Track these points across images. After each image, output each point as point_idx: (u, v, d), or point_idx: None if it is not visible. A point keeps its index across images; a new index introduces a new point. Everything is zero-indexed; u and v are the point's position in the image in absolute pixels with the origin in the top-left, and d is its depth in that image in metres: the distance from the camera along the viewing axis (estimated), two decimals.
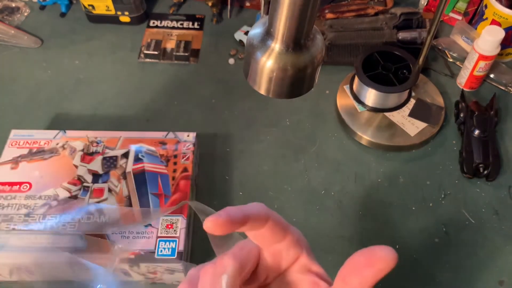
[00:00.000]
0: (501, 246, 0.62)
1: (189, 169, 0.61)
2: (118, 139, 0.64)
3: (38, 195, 0.58)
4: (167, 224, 0.56)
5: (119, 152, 0.63)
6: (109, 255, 0.54)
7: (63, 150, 0.62)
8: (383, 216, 0.65)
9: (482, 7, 0.80)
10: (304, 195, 0.67)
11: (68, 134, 0.64)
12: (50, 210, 0.57)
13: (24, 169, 0.60)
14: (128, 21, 0.87)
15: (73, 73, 0.81)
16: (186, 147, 0.63)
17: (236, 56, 0.83)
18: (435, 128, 0.72)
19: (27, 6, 0.90)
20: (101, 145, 0.63)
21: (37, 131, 0.64)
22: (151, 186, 0.60)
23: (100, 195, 0.59)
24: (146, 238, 0.55)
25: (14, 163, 0.61)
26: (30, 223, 0.55)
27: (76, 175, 0.60)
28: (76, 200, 0.58)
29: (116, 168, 0.61)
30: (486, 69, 0.74)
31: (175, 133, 0.64)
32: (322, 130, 0.74)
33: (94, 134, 0.64)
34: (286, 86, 0.46)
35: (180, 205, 0.58)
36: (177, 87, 0.79)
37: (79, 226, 0.55)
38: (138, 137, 0.64)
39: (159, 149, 0.63)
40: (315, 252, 0.32)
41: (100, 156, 0.62)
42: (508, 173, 0.69)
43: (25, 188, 0.58)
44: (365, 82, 0.68)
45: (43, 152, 0.62)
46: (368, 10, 0.79)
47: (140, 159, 0.62)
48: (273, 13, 0.41)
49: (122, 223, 0.56)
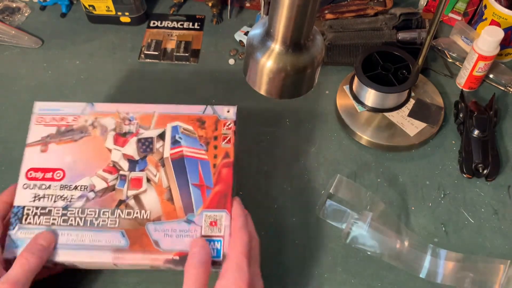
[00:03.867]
0: (501, 246, 0.63)
1: (231, 154, 0.55)
2: (152, 115, 0.57)
3: (73, 185, 0.54)
4: (210, 221, 0.52)
5: (155, 132, 0.57)
6: (153, 255, 0.50)
7: (93, 129, 0.57)
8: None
9: (482, 7, 0.80)
10: (304, 195, 0.67)
11: (96, 107, 0.58)
12: (88, 203, 0.53)
13: (55, 152, 0.55)
14: (129, 22, 0.87)
15: (73, 73, 0.81)
16: (227, 126, 0.57)
17: (236, 56, 0.83)
18: (434, 128, 0.72)
19: (28, 7, 0.90)
20: (134, 123, 0.57)
21: (63, 103, 0.59)
22: (191, 175, 0.54)
23: (138, 186, 0.54)
24: (190, 237, 0.51)
25: (43, 145, 0.56)
26: (69, 218, 0.52)
27: (111, 161, 0.55)
28: (114, 192, 0.54)
29: (153, 152, 0.55)
30: (485, 69, 0.74)
31: (213, 107, 0.58)
32: (322, 130, 0.74)
33: (125, 108, 0.58)
34: (286, 86, 0.46)
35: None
36: (177, 87, 0.79)
37: (119, 222, 0.52)
38: (173, 112, 0.58)
39: (198, 129, 0.57)
40: (315, 252, 0.32)
41: (135, 138, 0.56)
42: (508, 173, 0.69)
43: (59, 176, 0.54)
44: (365, 82, 0.68)
45: (72, 132, 0.56)
46: (368, 10, 0.79)
47: (177, 141, 0.56)
48: (273, 13, 0.41)
49: (165, 219, 0.52)
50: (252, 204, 0.57)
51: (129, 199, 0.53)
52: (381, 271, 0.60)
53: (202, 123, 0.57)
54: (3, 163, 0.70)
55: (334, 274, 0.60)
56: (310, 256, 0.62)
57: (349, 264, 0.61)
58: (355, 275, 0.60)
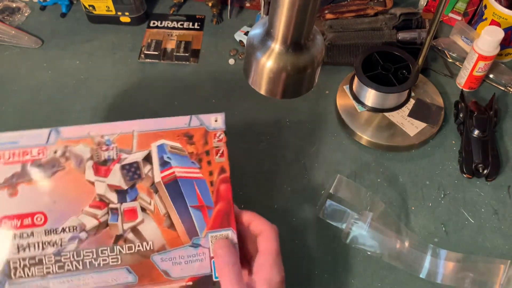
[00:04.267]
0: (501, 246, 0.63)
1: (227, 168, 0.51)
2: (131, 136, 0.50)
3: (60, 228, 0.48)
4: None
5: (139, 155, 0.50)
6: (166, 286, 0.48)
7: (66, 161, 0.49)
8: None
9: (482, 7, 0.80)
10: (304, 195, 0.67)
11: (63, 133, 0.49)
12: (82, 244, 0.48)
13: (27, 194, 0.48)
14: (129, 22, 0.87)
15: (73, 73, 0.81)
16: (217, 138, 0.52)
17: (236, 56, 0.83)
18: (434, 128, 0.72)
19: (28, 7, 0.90)
20: (112, 147, 0.50)
21: (20, 133, 0.49)
22: (189, 197, 0.50)
23: (133, 217, 0.49)
24: (199, 261, 0.49)
25: (10, 188, 0.48)
26: (64, 263, 0.47)
27: (96, 194, 0.49)
28: (109, 228, 0.49)
29: (141, 179, 0.50)
30: (485, 69, 0.74)
31: (198, 117, 0.52)
32: (322, 130, 0.74)
33: (98, 131, 0.50)
34: (286, 86, 0.46)
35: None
36: (177, 87, 0.79)
37: (122, 258, 0.48)
38: (155, 129, 0.51)
39: (187, 146, 0.51)
40: (315, 252, 0.32)
41: (117, 165, 0.50)
42: (508, 173, 0.69)
43: (40, 221, 0.48)
44: (365, 82, 0.68)
45: (41, 167, 0.48)
46: (368, 10, 0.79)
47: (167, 162, 0.50)
48: (273, 13, 0.41)
49: (169, 247, 0.49)
50: (252, 204, 0.57)
51: (126, 233, 0.49)
52: (381, 271, 0.60)
53: (190, 138, 0.51)
54: None
55: (334, 274, 0.60)
56: (310, 256, 0.62)
57: (349, 264, 0.61)
58: (355, 275, 0.60)
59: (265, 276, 0.46)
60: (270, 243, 0.48)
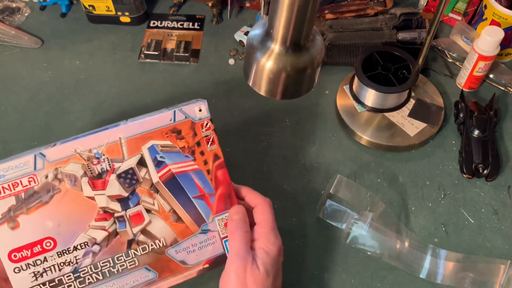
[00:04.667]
0: (501, 246, 0.63)
1: (219, 154, 0.53)
2: (119, 144, 0.50)
3: (71, 247, 0.48)
4: (224, 222, 0.52)
5: (132, 161, 0.50)
6: (185, 273, 0.51)
7: (60, 183, 0.48)
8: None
9: (482, 7, 0.80)
10: (304, 195, 0.67)
11: (48, 156, 0.47)
12: (97, 256, 0.49)
13: (29, 223, 0.47)
14: (129, 22, 0.87)
15: (73, 73, 0.81)
16: (205, 128, 0.52)
17: (236, 56, 0.83)
18: (434, 128, 0.72)
19: (28, 7, 0.90)
20: (103, 159, 0.49)
21: (4, 165, 0.47)
22: (190, 189, 0.52)
23: (140, 220, 0.50)
24: (211, 244, 0.52)
25: (10, 221, 0.47)
26: (85, 278, 0.49)
27: (99, 208, 0.49)
28: (119, 236, 0.50)
29: (140, 183, 0.50)
30: (485, 69, 0.74)
31: (182, 111, 0.51)
32: (322, 130, 0.74)
33: (84, 145, 0.49)
34: (286, 87, 0.46)
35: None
36: (177, 87, 0.79)
37: (139, 260, 0.50)
38: (141, 132, 0.50)
39: (177, 141, 0.51)
40: (315, 252, 0.32)
41: (113, 175, 0.49)
42: (508, 173, 0.69)
43: (50, 246, 0.48)
44: (365, 83, 0.68)
45: (36, 195, 0.47)
46: (368, 10, 0.79)
47: (161, 162, 0.51)
48: (273, 14, 0.41)
49: (181, 239, 0.51)
50: None
51: (137, 236, 0.50)
52: (381, 271, 0.60)
53: (178, 133, 0.51)
54: None
55: (334, 274, 0.60)
56: (310, 256, 0.62)
57: (349, 264, 0.61)
58: (355, 275, 0.60)
59: (263, 245, 0.49)
60: (266, 215, 0.51)
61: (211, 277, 0.60)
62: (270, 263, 0.48)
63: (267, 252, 0.48)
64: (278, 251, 0.49)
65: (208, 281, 0.60)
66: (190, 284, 0.59)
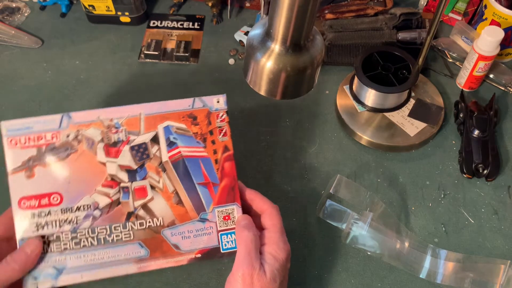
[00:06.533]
0: (501, 246, 0.63)
1: (230, 146, 0.54)
2: (139, 118, 0.53)
3: (75, 207, 0.51)
4: (223, 216, 0.53)
5: (147, 137, 0.53)
6: (176, 258, 0.51)
7: (78, 144, 0.52)
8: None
9: (482, 7, 0.80)
10: (304, 195, 0.67)
11: (74, 118, 0.52)
12: (96, 221, 0.51)
13: (43, 176, 0.51)
14: (129, 22, 0.87)
15: (73, 73, 0.81)
16: (220, 118, 0.55)
17: (236, 56, 0.83)
18: (434, 128, 0.72)
19: (28, 7, 0.90)
20: (121, 129, 0.53)
21: (34, 119, 0.52)
22: (195, 175, 0.53)
23: (143, 195, 0.52)
24: (207, 234, 0.52)
25: (27, 170, 0.51)
26: (80, 240, 0.50)
27: (108, 174, 0.52)
28: (121, 206, 0.52)
29: (150, 159, 0.52)
30: (485, 69, 0.74)
31: (202, 100, 0.54)
32: (322, 130, 0.74)
33: (107, 114, 0.53)
34: (286, 87, 0.46)
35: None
36: (177, 87, 0.79)
37: (134, 234, 0.51)
38: (161, 111, 0.54)
39: (191, 126, 0.54)
40: (315, 252, 0.32)
41: (127, 146, 0.52)
42: (508, 173, 0.69)
43: (56, 201, 0.51)
44: (365, 83, 0.68)
45: (56, 150, 0.51)
46: (368, 10, 0.79)
47: (173, 142, 0.53)
48: (273, 14, 0.41)
49: (178, 223, 0.52)
50: None
51: (137, 210, 0.52)
52: (381, 271, 0.60)
53: (194, 119, 0.54)
54: (3, 163, 0.70)
55: (334, 274, 0.60)
56: (310, 256, 0.62)
57: (349, 264, 0.61)
58: (355, 275, 0.60)
59: (272, 250, 0.49)
60: (275, 220, 0.51)
61: (211, 277, 0.60)
62: (277, 268, 0.47)
63: (275, 257, 0.48)
64: (286, 257, 0.49)
65: (209, 281, 0.60)
66: (191, 284, 0.60)
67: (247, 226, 0.50)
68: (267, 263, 0.47)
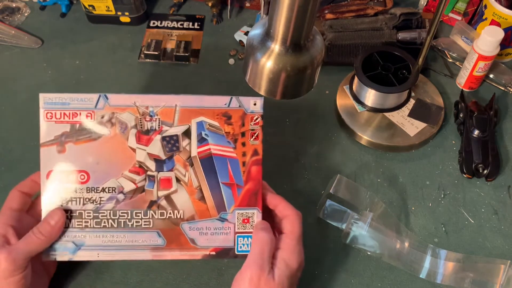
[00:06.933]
0: (501, 246, 0.63)
1: (259, 151, 0.54)
2: (174, 110, 0.53)
3: (100, 187, 0.52)
4: (243, 218, 0.53)
5: (180, 129, 0.53)
6: (191, 252, 0.53)
7: (112, 126, 0.53)
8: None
9: (482, 7, 0.80)
10: (304, 195, 0.67)
11: (111, 100, 0.53)
12: (119, 205, 0.52)
13: (74, 153, 0.52)
14: (128, 22, 0.87)
15: (73, 73, 0.81)
16: (254, 121, 0.54)
17: (236, 56, 0.83)
18: (434, 128, 0.72)
19: (28, 7, 0.90)
20: (155, 118, 0.53)
21: (72, 95, 0.53)
22: (221, 174, 0.53)
23: (168, 186, 0.53)
24: (224, 234, 0.53)
25: (59, 145, 0.52)
26: (101, 220, 0.52)
27: (136, 161, 0.53)
28: (144, 193, 0.53)
29: (179, 151, 0.53)
30: (485, 69, 0.74)
31: (238, 99, 0.54)
32: (322, 130, 0.74)
33: (143, 101, 0.53)
34: (286, 87, 0.46)
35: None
36: (177, 87, 0.79)
37: (154, 222, 0.52)
38: (196, 106, 0.53)
39: (224, 125, 0.54)
40: (315, 252, 0.32)
41: (159, 136, 0.53)
42: (508, 173, 0.69)
43: (83, 179, 0.52)
44: (365, 83, 0.68)
45: (89, 130, 0.53)
46: (368, 10, 0.79)
47: (204, 139, 0.53)
48: (273, 14, 0.41)
49: (198, 218, 0.53)
50: None
51: (160, 200, 0.53)
52: (381, 271, 0.60)
53: (228, 118, 0.54)
54: (3, 163, 0.70)
55: (334, 274, 0.60)
56: (310, 256, 0.61)
57: (349, 264, 0.61)
58: (355, 275, 0.60)
59: (286, 256, 0.48)
60: (295, 227, 0.51)
61: (211, 277, 0.60)
62: (287, 275, 0.47)
63: (287, 264, 0.48)
64: (298, 266, 0.49)
65: (209, 281, 0.60)
66: (191, 284, 0.59)
67: (265, 229, 0.51)
68: (278, 268, 0.47)
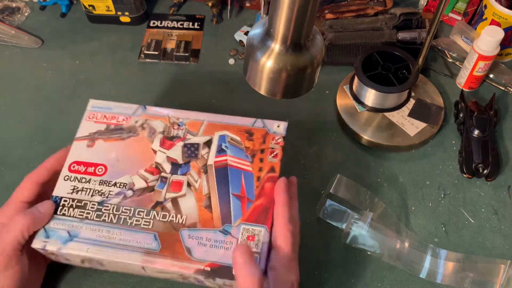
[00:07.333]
0: (501, 246, 0.63)
1: (277, 169, 0.54)
2: (201, 123, 0.58)
3: (113, 181, 0.53)
4: (248, 235, 0.50)
5: (202, 139, 0.57)
6: (184, 263, 0.48)
7: (142, 130, 0.57)
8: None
9: (482, 7, 0.80)
10: (304, 195, 0.67)
11: (148, 110, 0.59)
12: (125, 201, 0.52)
13: (101, 148, 0.56)
14: (129, 22, 0.87)
15: (73, 73, 0.81)
16: (275, 141, 0.56)
17: (236, 56, 0.83)
18: (434, 128, 0.72)
19: (28, 7, 0.90)
20: (183, 128, 0.57)
21: (116, 103, 0.60)
22: (233, 185, 0.53)
23: (178, 189, 0.53)
24: (225, 249, 0.49)
25: (90, 140, 0.57)
26: (103, 213, 0.52)
27: (154, 162, 0.55)
28: (153, 193, 0.53)
29: (197, 158, 0.55)
30: (485, 69, 0.74)
31: (263, 121, 0.58)
32: (322, 130, 0.74)
33: (176, 114, 0.59)
34: (286, 86, 0.46)
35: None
36: (177, 87, 0.79)
37: (154, 224, 0.51)
38: (223, 122, 0.58)
39: (245, 141, 0.56)
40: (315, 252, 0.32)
41: (181, 142, 0.56)
42: (508, 173, 0.69)
43: (100, 171, 0.54)
44: (365, 82, 0.68)
45: (121, 131, 0.57)
46: (368, 10, 0.79)
47: (223, 150, 0.55)
48: (273, 13, 0.41)
49: (200, 227, 0.51)
50: None
51: (166, 202, 0.52)
52: (381, 271, 0.60)
53: (250, 135, 0.57)
54: (3, 163, 0.70)
55: (334, 274, 0.60)
56: (310, 256, 0.61)
57: (349, 264, 0.61)
58: (355, 275, 0.60)
59: (278, 276, 0.47)
60: (287, 242, 0.49)
61: None
62: None
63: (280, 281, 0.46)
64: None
65: None
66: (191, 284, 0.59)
67: (250, 264, 0.45)
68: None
